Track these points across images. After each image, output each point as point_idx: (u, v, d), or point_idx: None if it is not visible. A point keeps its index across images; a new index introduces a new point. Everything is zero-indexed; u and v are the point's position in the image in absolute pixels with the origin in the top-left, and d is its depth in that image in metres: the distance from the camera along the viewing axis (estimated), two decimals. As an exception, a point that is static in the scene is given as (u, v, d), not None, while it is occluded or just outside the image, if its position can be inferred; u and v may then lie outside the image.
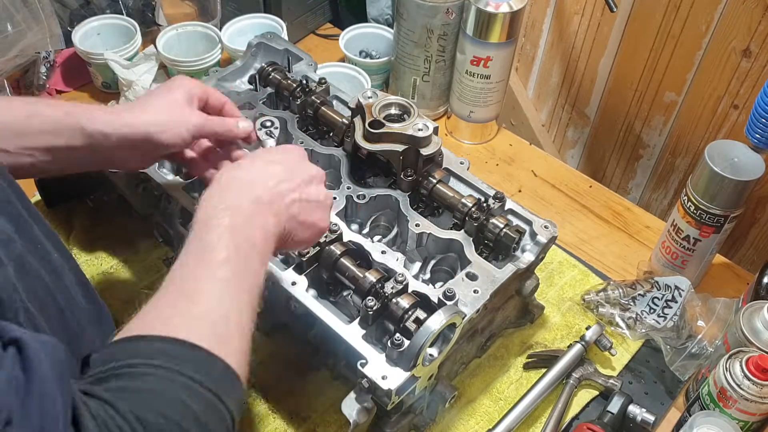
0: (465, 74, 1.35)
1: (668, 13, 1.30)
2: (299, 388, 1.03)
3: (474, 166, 1.15)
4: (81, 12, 1.52)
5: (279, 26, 1.50)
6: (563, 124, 1.65)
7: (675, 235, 1.13)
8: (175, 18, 1.54)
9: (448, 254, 1.01)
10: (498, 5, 1.25)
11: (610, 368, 1.09)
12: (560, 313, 1.15)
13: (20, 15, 1.35)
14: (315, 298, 0.91)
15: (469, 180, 1.06)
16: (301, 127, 1.14)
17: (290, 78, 1.17)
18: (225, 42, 1.46)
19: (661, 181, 1.51)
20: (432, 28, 1.33)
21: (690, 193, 1.08)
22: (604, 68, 1.47)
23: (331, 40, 1.64)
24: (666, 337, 1.09)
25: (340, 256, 0.93)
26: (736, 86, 1.27)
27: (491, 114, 1.42)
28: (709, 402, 0.93)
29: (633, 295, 1.13)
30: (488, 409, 1.03)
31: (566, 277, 1.20)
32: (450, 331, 0.86)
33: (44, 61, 1.44)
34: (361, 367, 0.83)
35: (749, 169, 1.03)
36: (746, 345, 0.94)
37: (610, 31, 1.42)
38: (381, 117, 1.02)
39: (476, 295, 0.91)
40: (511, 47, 1.32)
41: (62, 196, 1.22)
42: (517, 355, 1.10)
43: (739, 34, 1.22)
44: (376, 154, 1.03)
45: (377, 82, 1.52)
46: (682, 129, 1.41)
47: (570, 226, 1.30)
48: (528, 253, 0.98)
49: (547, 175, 1.40)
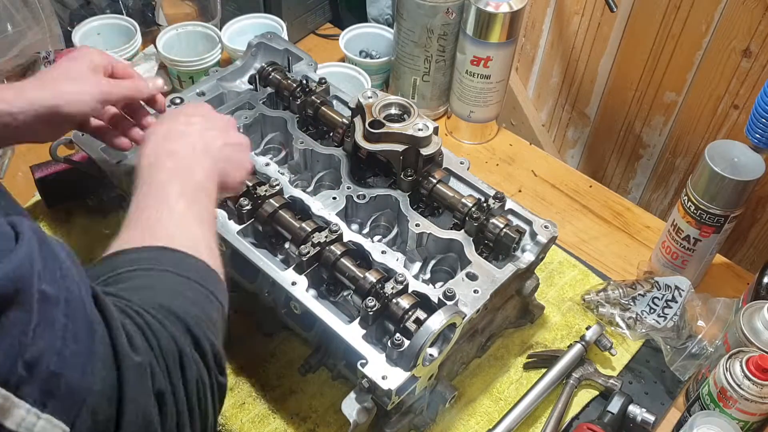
0: (465, 74, 1.35)
1: (668, 13, 1.30)
2: (299, 388, 1.03)
3: (474, 166, 1.15)
4: (81, 12, 1.52)
5: (279, 26, 1.50)
6: (563, 124, 1.65)
7: (675, 235, 1.13)
8: (175, 18, 1.54)
9: (448, 254, 1.01)
10: (498, 5, 1.25)
11: (610, 368, 1.09)
12: (560, 313, 1.15)
13: (20, 15, 1.35)
14: (315, 298, 0.91)
15: (469, 180, 1.06)
16: (301, 127, 1.14)
17: (290, 78, 1.17)
18: (225, 42, 1.46)
19: (661, 181, 1.51)
20: (432, 28, 1.33)
21: (690, 193, 1.08)
22: (604, 68, 1.47)
23: (331, 40, 1.64)
24: (666, 337, 1.09)
25: (340, 256, 0.93)
26: (736, 86, 1.27)
27: (491, 114, 1.42)
28: (709, 402, 0.93)
29: (633, 295, 1.13)
30: (488, 409, 1.03)
31: (566, 277, 1.20)
32: (450, 331, 0.86)
33: (44, 61, 1.44)
34: (361, 367, 0.83)
35: (749, 169, 1.03)
36: (746, 345, 0.94)
37: (610, 31, 1.42)
38: (381, 117, 1.02)
39: (476, 295, 0.91)
40: (511, 47, 1.32)
41: (62, 196, 1.22)
42: (517, 355, 1.10)
43: (739, 34, 1.22)
44: (376, 154, 1.03)
45: (377, 82, 1.52)
46: (682, 129, 1.41)
47: (570, 226, 1.30)
48: (528, 253, 0.98)
49: (547, 175, 1.40)
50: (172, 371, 0.55)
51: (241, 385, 1.03)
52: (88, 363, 0.49)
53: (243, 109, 1.17)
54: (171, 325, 0.57)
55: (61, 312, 0.48)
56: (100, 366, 0.49)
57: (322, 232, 0.94)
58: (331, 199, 1.02)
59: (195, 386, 0.57)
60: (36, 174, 1.18)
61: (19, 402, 0.44)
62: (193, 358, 0.57)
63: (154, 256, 0.64)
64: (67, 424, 0.47)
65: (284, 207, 0.98)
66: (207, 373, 0.59)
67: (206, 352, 0.59)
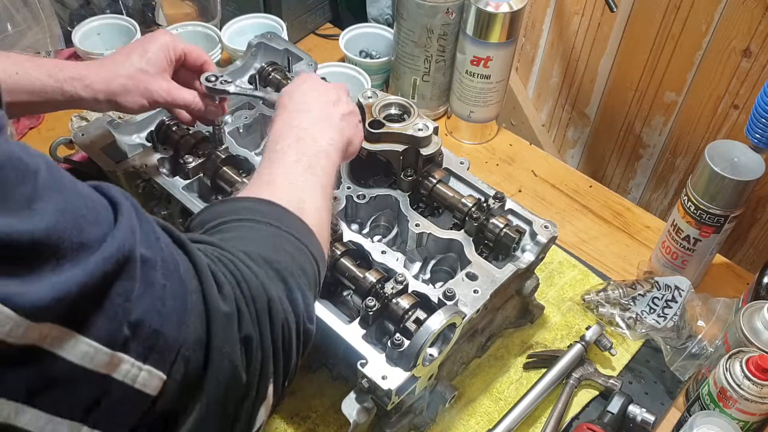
0: (465, 74, 1.35)
1: (668, 13, 1.30)
2: (299, 388, 1.03)
3: (474, 166, 1.15)
4: (81, 12, 1.52)
5: (279, 26, 1.50)
6: (563, 124, 1.65)
7: (675, 235, 1.13)
8: (175, 18, 1.54)
9: (448, 254, 1.01)
10: (498, 5, 1.25)
11: (610, 368, 1.09)
12: (560, 313, 1.15)
13: (20, 15, 1.35)
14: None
15: (469, 180, 1.06)
16: (301, 127, 1.14)
17: (290, 78, 1.17)
18: (225, 42, 1.46)
19: (661, 181, 1.51)
20: (432, 28, 1.33)
21: (690, 193, 1.08)
22: (604, 68, 1.47)
23: (331, 40, 1.64)
24: (666, 337, 1.09)
25: (340, 256, 0.93)
26: (736, 86, 1.27)
27: (491, 114, 1.42)
28: (709, 402, 0.93)
29: (633, 295, 1.13)
30: (488, 409, 1.03)
31: (566, 277, 1.20)
32: (450, 331, 0.86)
33: (44, 61, 1.43)
34: (361, 367, 0.83)
35: (749, 169, 1.03)
36: (746, 345, 0.94)
37: (610, 31, 1.42)
38: (381, 117, 1.02)
39: (476, 295, 0.91)
40: (511, 47, 1.32)
41: (62, 196, 1.21)
42: (517, 355, 1.10)
43: (739, 34, 1.22)
44: (376, 154, 1.03)
45: (377, 82, 1.52)
46: (682, 129, 1.41)
47: (570, 226, 1.30)
48: (528, 253, 0.98)
49: (547, 175, 1.40)
50: (261, 317, 0.59)
51: (241, 385, 1.03)
52: (183, 317, 0.52)
53: (243, 109, 1.17)
54: (264, 273, 0.61)
55: (159, 273, 0.51)
56: (194, 318, 0.53)
57: (322, 232, 0.94)
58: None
59: (281, 332, 0.61)
60: (36, 174, 1.18)
61: (123, 357, 0.48)
62: (282, 306, 0.61)
63: (258, 208, 0.69)
64: (164, 372, 0.51)
65: (284, 207, 0.98)
66: (295, 319, 0.62)
67: (297, 301, 0.63)
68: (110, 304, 0.47)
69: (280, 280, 0.62)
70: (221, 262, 0.59)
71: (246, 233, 0.66)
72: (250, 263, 0.61)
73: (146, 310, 0.49)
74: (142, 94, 0.90)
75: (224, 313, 0.56)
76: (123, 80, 0.90)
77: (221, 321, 0.55)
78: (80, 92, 0.88)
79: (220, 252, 0.61)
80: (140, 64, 0.91)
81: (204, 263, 0.57)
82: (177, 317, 0.52)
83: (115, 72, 0.90)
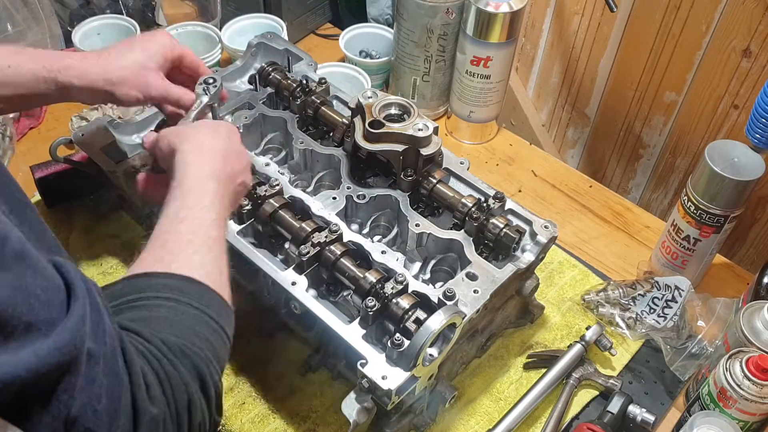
0: (465, 74, 1.35)
1: (668, 13, 1.30)
2: (299, 388, 1.03)
3: (474, 166, 1.15)
4: (81, 12, 1.52)
5: (279, 26, 1.50)
6: (563, 124, 1.65)
7: (675, 235, 1.13)
8: (175, 18, 1.54)
9: (448, 254, 1.01)
10: (498, 5, 1.25)
11: (610, 368, 1.09)
12: (560, 313, 1.15)
13: (20, 15, 1.35)
14: (315, 298, 0.91)
15: (469, 180, 1.06)
16: (301, 127, 1.14)
17: (290, 78, 1.17)
18: (225, 42, 1.46)
19: (661, 181, 1.51)
20: (432, 28, 1.33)
21: (690, 193, 1.08)
22: (604, 68, 1.47)
23: (331, 40, 1.64)
24: (666, 337, 1.09)
25: (340, 256, 0.93)
26: (736, 86, 1.27)
27: (491, 114, 1.42)
28: (709, 402, 0.93)
29: (633, 295, 1.13)
30: (488, 409, 1.03)
31: (566, 277, 1.20)
32: (450, 331, 0.86)
33: (44, 60, 1.43)
34: (361, 367, 0.83)
35: (749, 169, 1.03)
36: (746, 345, 0.94)
37: (610, 31, 1.42)
38: (381, 117, 1.02)
39: (476, 295, 0.91)
40: (511, 47, 1.32)
41: (62, 196, 1.22)
42: (517, 355, 1.10)
43: (739, 34, 1.22)
44: (376, 154, 1.03)
45: (377, 82, 1.52)
46: (682, 129, 1.41)
47: (570, 226, 1.30)
48: (528, 253, 0.98)
49: (547, 175, 1.40)
50: (181, 417, 0.60)
51: (241, 385, 1.03)
52: (114, 418, 0.53)
53: (243, 109, 1.17)
54: (184, 368, 0.61)
55: (101, 369, 0.52)
56: (124, 419, 0.54)
57: (322, 232, 0.94)
58: (331, 199, 1.02)
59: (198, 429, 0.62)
60: (36, 174, 1.18)
61: None
62: (199, 404, 0.62)
63: (177, 286, 0.67)
64: None
65: (284, 207, 0.98)
66: (209, 414, 0.63)
67: (210, 395, 0.63)
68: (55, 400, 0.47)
69: (197, 375, 0.62)
70: (145, 357, 0.59)
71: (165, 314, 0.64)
72: (171, 357, 0.61)
73: (83, 407, 0.49)
74: (139, 87, 0.91)
75: (152, 417, 0.56)
76: (123, 72, 0.90)
77: (148, 424, 0.56)
78: (74, 81, 0.88)
79: (145, 345, 0.60)
80: (142, 59, 0.92)
81: (137, 363, 0.57)
82: (108, 417, 0.52)
83: (116, 63, 0.91)
